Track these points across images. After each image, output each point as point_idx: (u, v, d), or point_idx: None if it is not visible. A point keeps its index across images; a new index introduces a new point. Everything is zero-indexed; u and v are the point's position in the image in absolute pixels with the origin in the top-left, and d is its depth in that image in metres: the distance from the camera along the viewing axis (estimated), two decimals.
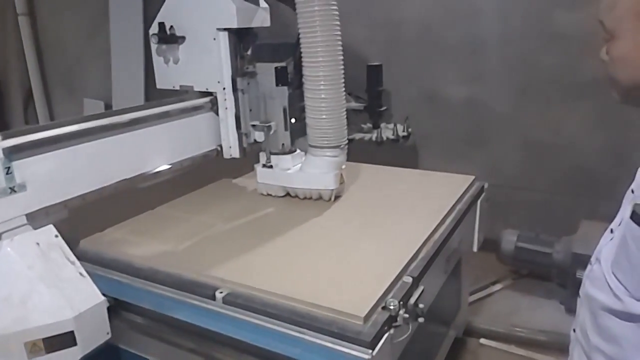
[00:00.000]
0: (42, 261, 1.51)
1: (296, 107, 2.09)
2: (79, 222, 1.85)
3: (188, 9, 2.01)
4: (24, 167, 1.53)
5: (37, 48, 5.21)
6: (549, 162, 3.26)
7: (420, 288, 1.54)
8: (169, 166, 1.98)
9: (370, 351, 1.26)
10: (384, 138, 3.33)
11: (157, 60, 2.16)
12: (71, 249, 1.60)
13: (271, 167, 2.18)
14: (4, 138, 1.50)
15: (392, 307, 1.38)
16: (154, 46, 2.11)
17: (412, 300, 1.46)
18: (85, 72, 5.03)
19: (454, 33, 3.33)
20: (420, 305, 1.46)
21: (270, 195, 2.21)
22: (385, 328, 1.35)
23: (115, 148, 1.80)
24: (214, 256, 1.69)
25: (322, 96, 1.99)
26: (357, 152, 3.40)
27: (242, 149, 2.17)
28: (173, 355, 1.60)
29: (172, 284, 1.58)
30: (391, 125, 3.39)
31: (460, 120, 3.47)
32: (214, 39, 2.01)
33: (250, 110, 2.14)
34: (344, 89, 2.03)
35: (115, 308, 1.63)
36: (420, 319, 1.46)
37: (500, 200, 2.69)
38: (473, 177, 2.33)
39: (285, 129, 2.12)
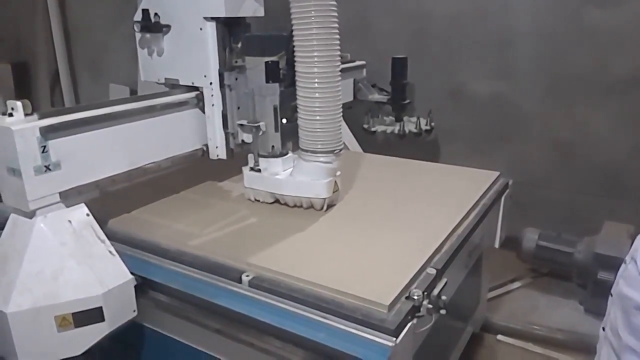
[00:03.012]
0: (74, 238, 1.59)
1: (288, 107, 1.88)
2: (108, 202, 1.91)
3: None
4: (58, 147, 1.58)
5: (65, 33, 5.29)
6: (573, 160, 3.23)
7: (444, 280, 1.55)
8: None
9: (394, 339, 1.28)
10: (407, 131, 3.30)
11: (142, 51, 2.06)
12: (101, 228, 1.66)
13: (259, 171, 1.98)
14: (40, 118, 1.55)
15: (416, 297, 1.40)
16: (137, 35, 2.01)
17: (436, 292, 1.47)
18: (112, 58, 5.09)
19: (483, 28, 3.30)
20: (443, 297, 1.47)
21: (258, 200, 2.03)
22: (409, 317, 1.37)
23: (143, 132, 1.84)
24: (240, 241, 1.73)
25: (317, 95, 1.78)
26: (380, 144, 3.45)
27: (229, 149, 2.04)
28: (197, 334, 1.63)
29: (200, 266, 1.61)
30: (414, 119, 3.38)
31: (485, 116, 3.45)
32: (201, 28, 1.89)
33: (239, 108, 1.97)
34: (340, 88, 1.83)
35: (142, 287, 1.66)
36: (442, 311, 1.46)
37: (523, 198, 2.68)
38: (498, 173, 2.33)
39: (276, 130, 1.91)
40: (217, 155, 2.05)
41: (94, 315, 1.53)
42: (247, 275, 1.52)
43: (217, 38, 1.91)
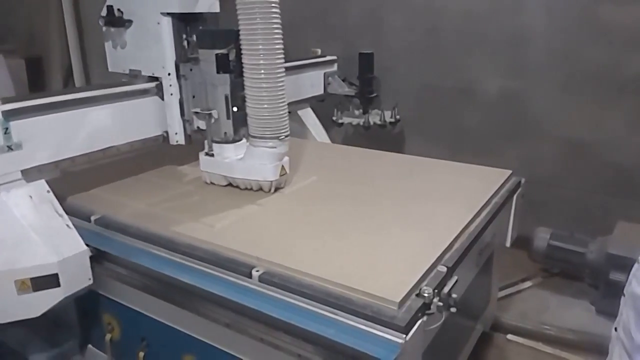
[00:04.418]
0: (34, 212, 1.77)
1: (239, 96, 2.02)
2: (70, 181, 2.12)
3: None
4: (20, 129, 1.74)
5: (78, 27, 5.33)
6: (586, 159, 3.19)
7: (454, 278, 1.54)
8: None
9: (404, 336, 1.28)
10: (371, 123, 3.39)
11: (108, 44, 2.22)
12: (61, 204, 1.86)
13: (213, 155, 2.12)
14: (3, 102, 1.73)
15: (426, 295, 1.39)
16: (103, 29, 2.17)
17: (446, 290, 1.47)
18: None
19: (496, 25, 3.28)
20: (454, 295, 1.47)
21: (214, 183, 2.17)
22: (419, 315, 1.37)
23: (103, 117, 2.01)
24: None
25: (263, 85, 1.92)
26: (350, 136, 3.58)
27: (187, 136, 2.19)
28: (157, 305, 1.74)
29: (212, 262, 1.62)
30: (379, 111, 3.43)
31: (496, 113, 3.42)
32: (158, 23, 2.04)
33: (194, 97, 2.12)
34: (283, 79, 1.98)
35: (98, 258, 1.83)
36: (453, 309, 1.46)
37: (534, 197, 2.66)
38: (510, 171, 2.31)
39: (228, 118, 2.05)
40: (177, 141, 2.21)
41: (50, 281, 1.69)
42: (257, 271, 1.52)
43: (173, 32, 2.07)
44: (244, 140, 2.11)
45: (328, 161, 2.56)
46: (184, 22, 2.08)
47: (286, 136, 2.03)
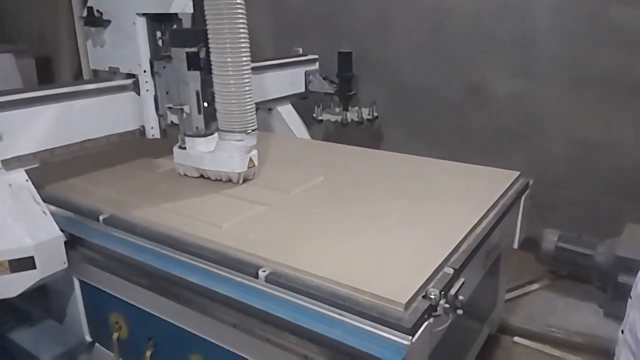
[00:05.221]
0: (12, 199, 1.90)
1: (209, 92, 2.12)
2: (49, 171, 2.23)
3: None
4: (0, 121, 1.85)
5: None
6: (595, 161, 3.17)
7: (461, 280, 1.54)
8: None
9: (410, 337, 1.28)
10: (349, 120, 3.49)
11: (89, 42, 2.35)
12: (38, 193, 1.99)
13: (185, 148, 2.24)
14: None
15: (432, 297, 1.39)
16: (85, 29, 2.29)
17: (453, 292, 1.46)
18: None
19: (504, 26, 3.26)
20: (460, 297, 1.46)
21: (187, 175, 2.30)
22: (426, 316, 1.36)
23: (80, 111, 2.12)
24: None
25: (231, 82, 2.02)
26: (330, 132, 3.67)
27: (162, 130, 2.32)
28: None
29: (219, 262, 1.63)
30: (357, 109, 3.50)
31: (504, 114, 3.41)
32: (134, 23, 2.15)
33: (167, 93, 2.23)
34: (249, 75, 2.06)
35: (72, 243, 1.95)
36: (459, 311, 1.46)
37: (542, 199, 2.64)
38: (518, 172, 2.30)
39: (199, 113, 2.17)
40: (152, 135, 2.33)
41: (26, 263, 1.82)
42: (264, 271, 1.53)
43: (147, 31, 2.19)
44: (215, 134, 2.20)
45: (333, 161, 2.56)
46: (158, 22, 2.20)
47: (253, 130, 2.13)
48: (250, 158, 2.19)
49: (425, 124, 3.71)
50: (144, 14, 2.16)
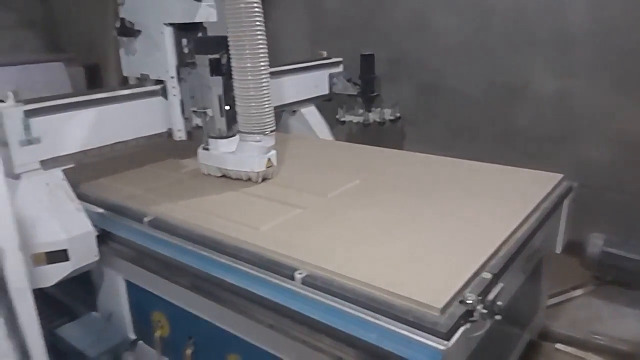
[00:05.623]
0: (49, 197, 2.05)
1: (231, 96, 2.24)
2: (83, 171, 2.38)
3: (144, 7, 2.34)
4: (39, 125, 2.01)
5: None
6: None
7: (500, 285, 1.51)
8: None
9: (446, 342, 1.27)
10: (371, 121, 3.52)
11: (122, 51, 2.52)
12: (73, 191, 2.14)
13: (209, 149, 2.37)
14: (25, 103, 2.00)
15: (469, 302, 1.37)
16: (118, 39, 2.46)
17: (491, 297, 1.44)
18: None
19: (546, 23, 3.19)
20: (498, 303, 1.44)
21: (210, 175, 2.41)
22: (462, 321, 1.35)
23: (112, 116, 2.27)
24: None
25: (250, 86, 2.13)
26: (354, 133, 3.69)
27: (187, 132, 2.45)
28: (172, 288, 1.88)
29: (256, 263, 1.66)
30: (379, 110, 3.52)
31: (546, 114, 3.33)
32: (162, 32, 2.29)
33: (192, 97, 2.37)
34: (267, 80, 2.17)
35: (103, 237, 2.10)
36: (497, 316, 1.43)
37: (587, 202, 2.56)
38: (561, 175, 2.24)
39: (221, 115, 2.29)
40: (179, 137, 2.47)
41: (61, 255, 1.97)
42: (300, 273, 1.55)
43: (174, 40, 2.32)
44: (237, 135, 2.32)
45: (367, 164, 2.57)
46: (184, 30, 2.33)
47: (271, 131, 2.24)
48: (269, 158, 2.29)
49: (463, 125, 3.67)
50: (170, 24, 2.29)
